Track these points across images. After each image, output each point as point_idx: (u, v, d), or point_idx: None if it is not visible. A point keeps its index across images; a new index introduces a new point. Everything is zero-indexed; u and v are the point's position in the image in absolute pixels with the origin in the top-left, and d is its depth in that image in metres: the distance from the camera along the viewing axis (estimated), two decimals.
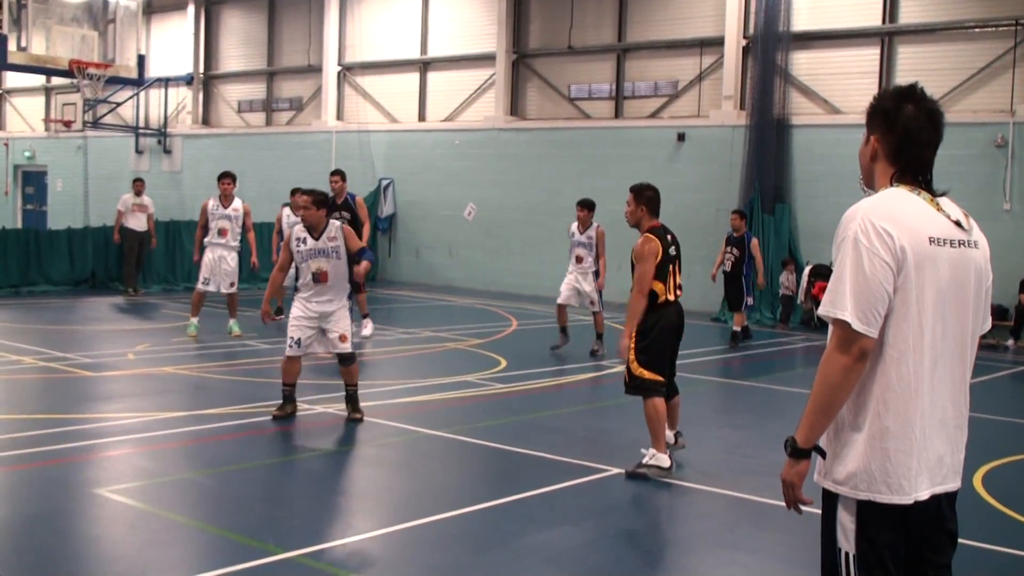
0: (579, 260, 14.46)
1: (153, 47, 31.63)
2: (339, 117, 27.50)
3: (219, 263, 14.71)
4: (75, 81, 24.52)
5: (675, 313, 8.13)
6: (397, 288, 23.56)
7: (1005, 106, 18.19)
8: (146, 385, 11.40)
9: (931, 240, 3.26)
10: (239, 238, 15.07)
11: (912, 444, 3.25)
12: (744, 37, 20.75)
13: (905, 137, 3.40)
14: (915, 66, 19.24)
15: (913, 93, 3.43)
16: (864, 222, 3.23)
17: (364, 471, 8.15)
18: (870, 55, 19.71)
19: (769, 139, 19.81)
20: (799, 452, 3.32)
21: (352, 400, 9.60)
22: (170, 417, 9.46)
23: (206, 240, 14.84)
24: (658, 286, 7.99)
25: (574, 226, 14.60)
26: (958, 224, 3.37)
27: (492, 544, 6.25)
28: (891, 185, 3.40)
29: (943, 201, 3.41)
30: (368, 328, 15.03)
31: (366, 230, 15.13)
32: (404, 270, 25.56)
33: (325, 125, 27.36)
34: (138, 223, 20.30)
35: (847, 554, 3.33)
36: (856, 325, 3.19)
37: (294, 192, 17.22)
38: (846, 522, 3.33)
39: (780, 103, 19.95)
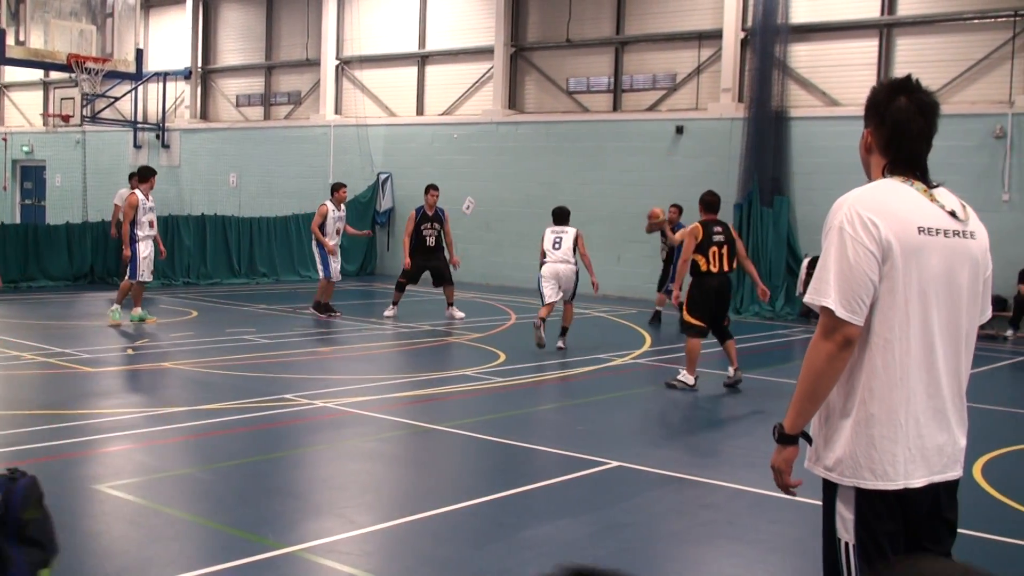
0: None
1: (151, 41, 31.61)
2: (337, 111, 27.47)
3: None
4: (73, 75, 24.45)
5: (716, 280, 11.49)
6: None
7: (1004, 97, 18.18)
8: (145, 380, 11.41)
9: (920, 230, 3.28)
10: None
11: (897, 431, 3.27)
12: (742, 29, 20.73)
13: (895, 129, 3.43)
14: (914, 58, 19.23)
15: (907, 85, 3.46)
16: (850, 212, 3.27)
17: (363, 465, 8.15)
18: (868, 47, 19.69)
19: (767, 131, 19.80)
20: (786, 438, 3.38)
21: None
22: (170, 412, 9.46)
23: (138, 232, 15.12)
24: (700, 259, 11.41)
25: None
26: (953, 214, 3.38)
27: (492, 537, 6.26)
28: (883, 176, 3.43)
29: (938, 192, 3.43)
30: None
31: (449, 240, 17.43)
32: (402, 264, 25.51)
33: (323, 119, 27.33)
34: None
35: (847, 544, 3.35)
36: (840, 312, 3.22)
37: (338, 188, 17.33)
38: (844, 513, 3.35)
39: (778, 95, 19.93)
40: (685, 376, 11.36)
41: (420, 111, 26.06)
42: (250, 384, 10.86)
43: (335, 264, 16.81)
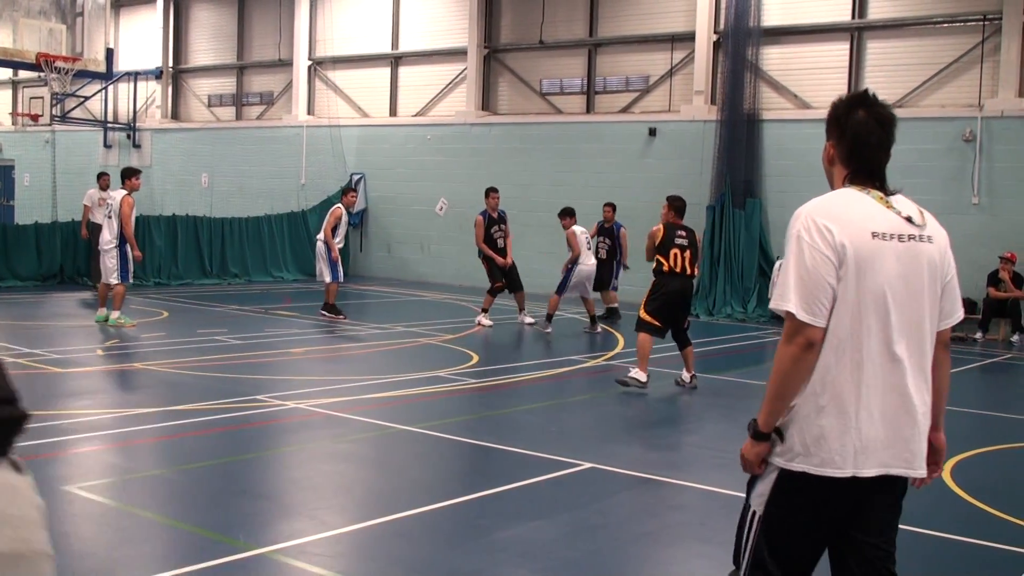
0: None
1: (122, 41, 31.40)
2: (310, 112, 27.39)
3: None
4: (43, 75, 24.24)
5: (679, 282, 11.44)
6: (369, 283, 23.51)
7: (973, 101, 18.34)
8: (116, 381, 11.33)
9: (874, 235, 3.41)
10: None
11: (847, 424, 3.40)
12: (715, 32, 20.82)
13: (855, 141, 3.56)
14: (884, 61, 19.38)
15: (865, 99, 3.60)
16: (807, 220, 3.43)
17: (336, 467, 8.12)
18: (839, 50, 19.82)
19: (740, 134, 19.89)
20: (760, 435, 3.52)
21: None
22: (140, 413, 9.39)
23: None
24: (662, 259, 11.42)
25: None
26: (910, 220, 3.50)
27: (465, 538, 6.25)
28: (844, 186, 3.57)
29: (895, 199, 3.55)
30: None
31: (508, 242, 17.20)
32: (376, 265, 25.50)
33: (296, 120, 27.24)
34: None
35: (754, 512, 3.57)
36: (801, 316, 3.37)
37: (347, 191, 17.24)
38: (762, 487, 3.55)
39: (751, 98, 20.03)
40: (637, 373, 11.18)
41: (393, 112, 26.02)
42: (222, 385, 10.81)
43: (340, 266, 16.72)
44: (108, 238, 15.08)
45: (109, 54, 25.83)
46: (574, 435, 9.31)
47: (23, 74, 31.06)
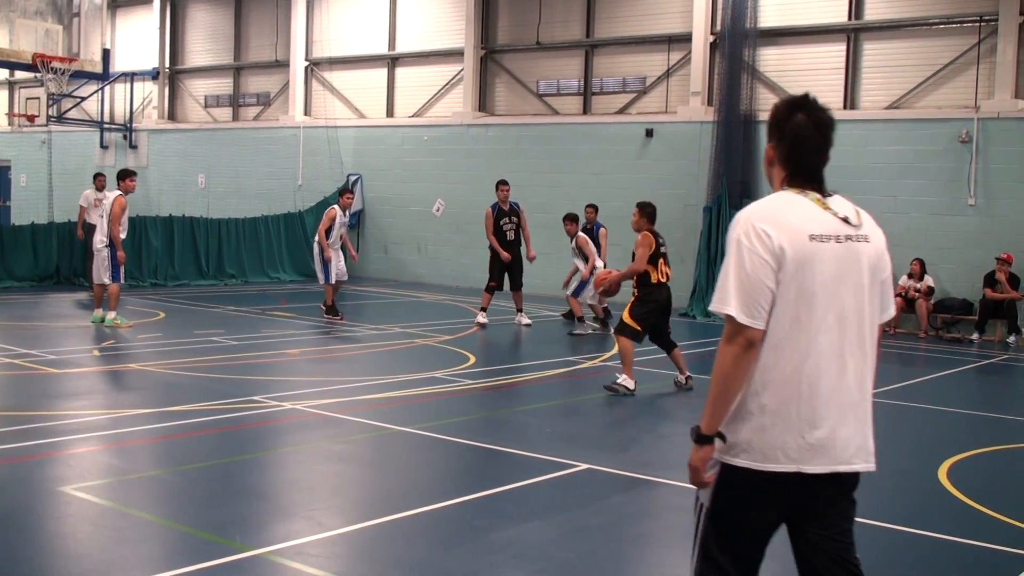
0: None
1: (118, 41, 31.38)
2: (307, 112, 27.38)
3: None
4: (39, 75, 24.25)
5: (665, 292, 11.36)
6: (366, 284, 23.50)
7: (969, 102, 18.36)
8: (112, 382, 11.32)
9: (812, 237, 3.50)
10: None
11: (789, 422, 3.49)
12: (712, 33, 20.84)
13: (794, 144, 3.64)
14: (880, 62, 19.40)
15: (804, 103, 3.66)
16: (746, 225, 3.52)
17: (333, 467, 8.12)
18: (836, 51, 19.84)
19: (736, 135, 19.88)
20: (703, 439, 3.57)
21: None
22: (137, 414, 9.39)
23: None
24: (651, 270, 11.20)
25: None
26: (846, 220, 3.59)
27: (462, 540, 6.25)
28: (783, 188, 3.66)
29: (833, 200, 3.63)
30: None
31: (527, 234, 16.91)
32: (372, 266, 25.48)
33: (293, 120, 27.23)
34: None
35: (703, 506, 3.66)
36: (740, 318, 3.45)
37: (344, 192, 17.22)
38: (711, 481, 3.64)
39: (747, 99, 20.02)
40: (625, 380, 11.07)
41: (390, 113, 26.02)
42: (219, 386, 10.80)
43: (334, 267, 16.67)
44: (100, 238, 15.08)
45: (105, 55, 25.85)
46: (571, 436, 9.31)
47: (19, 75, 31.02)
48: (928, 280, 17.97)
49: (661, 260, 11.30)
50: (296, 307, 18.51)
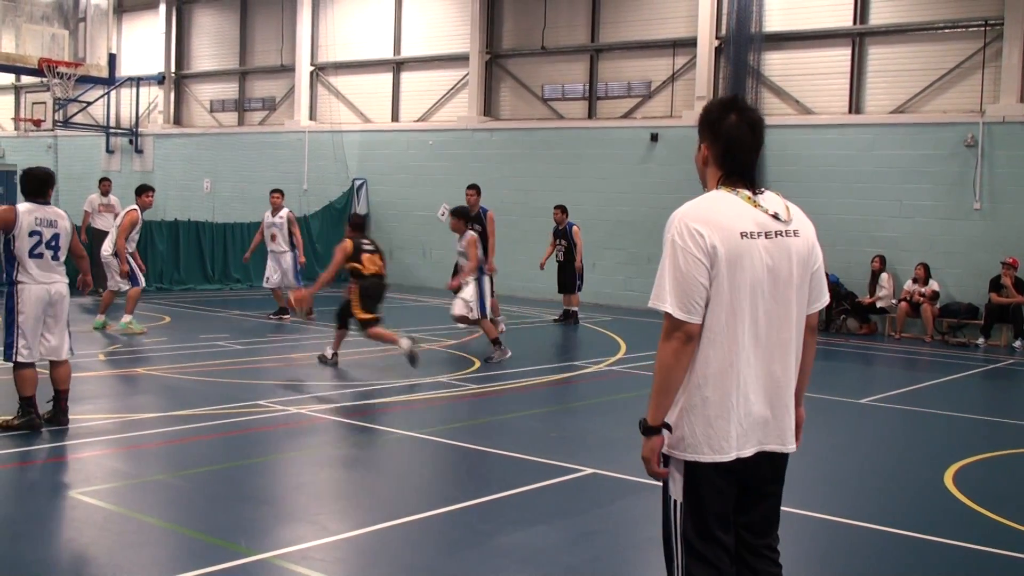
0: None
1: (124, 46, 31.45)
2: (312, 117, 27.42)
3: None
4: (45, 80, 24.27)
5: (375, 279, 12.39)
6: None
7: (975, 106, 18.34)
8: (118, 386, 11.33)
9: (743, 235, 3.63)
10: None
11: (730, 411, 3.66)
12: (716, 38, 20.84)
13: (728, 143, 3.81)
14: (886, 66, 19.39)
15: (735, 104, 3.87)
16: (680, 224, 3.65)
17: (338, 472, 8.12)
18: (841, 55, 19.83)
19: None
20: (650, 430, 3.72)
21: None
22: (143, 418, 9.40)
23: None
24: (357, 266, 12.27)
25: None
26: (776, 216, 3.74)
27: (466, 544, 6.25)
28: (717, 187, 3.79)
29: (764, 197, 3.80)
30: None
31: (491, 243, 14.86)
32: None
33: (298, 125, 27.27)
34: (105, 223, 20.07)
35: (675, 501, 3.78)
36: (677, 314, 3.60)
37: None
38: (676, 476, 3.76)
39: (752, 103, 19.96)
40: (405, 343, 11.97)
41: (395, 117, 26.04)
42: (224, 390, 10.81)
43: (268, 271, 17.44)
44: (107, 246, 15.15)
45: (111, 59, 25.86)
46: (575, 440, 9.30)
47: (26, 79, 31.05)
48: (933, 284, 17.95)
49: (363, 256, 12.31)
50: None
